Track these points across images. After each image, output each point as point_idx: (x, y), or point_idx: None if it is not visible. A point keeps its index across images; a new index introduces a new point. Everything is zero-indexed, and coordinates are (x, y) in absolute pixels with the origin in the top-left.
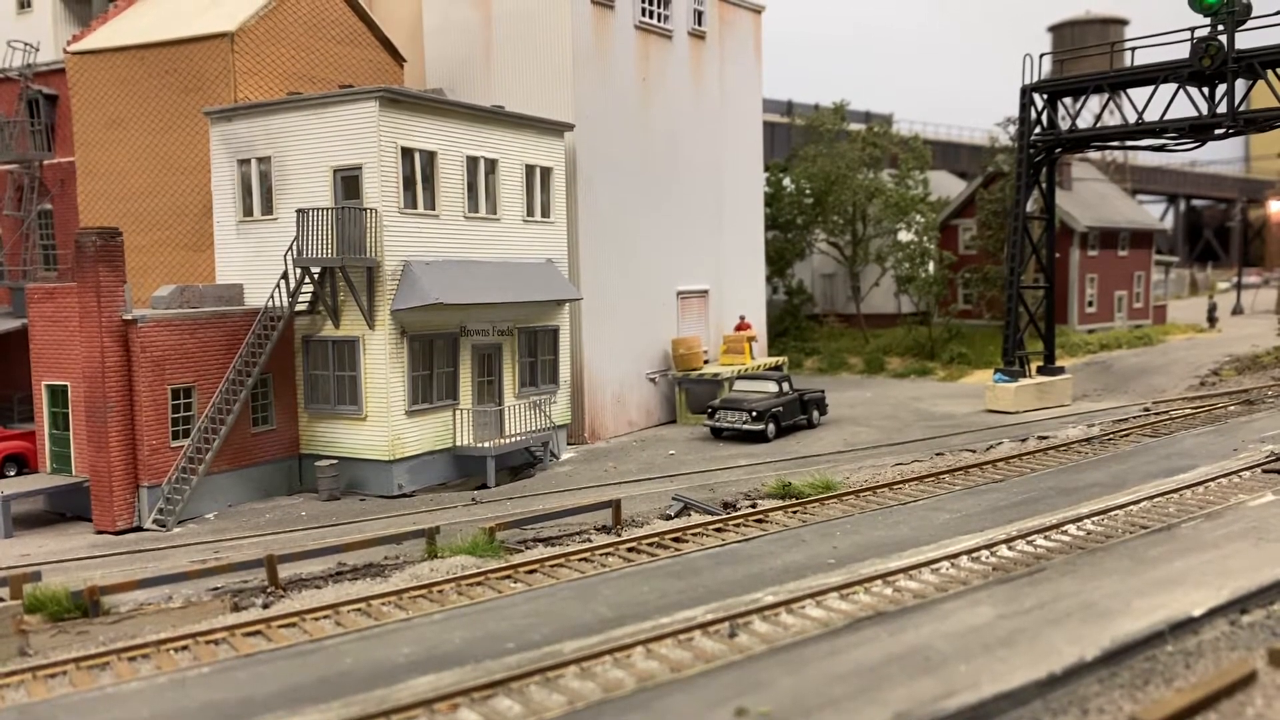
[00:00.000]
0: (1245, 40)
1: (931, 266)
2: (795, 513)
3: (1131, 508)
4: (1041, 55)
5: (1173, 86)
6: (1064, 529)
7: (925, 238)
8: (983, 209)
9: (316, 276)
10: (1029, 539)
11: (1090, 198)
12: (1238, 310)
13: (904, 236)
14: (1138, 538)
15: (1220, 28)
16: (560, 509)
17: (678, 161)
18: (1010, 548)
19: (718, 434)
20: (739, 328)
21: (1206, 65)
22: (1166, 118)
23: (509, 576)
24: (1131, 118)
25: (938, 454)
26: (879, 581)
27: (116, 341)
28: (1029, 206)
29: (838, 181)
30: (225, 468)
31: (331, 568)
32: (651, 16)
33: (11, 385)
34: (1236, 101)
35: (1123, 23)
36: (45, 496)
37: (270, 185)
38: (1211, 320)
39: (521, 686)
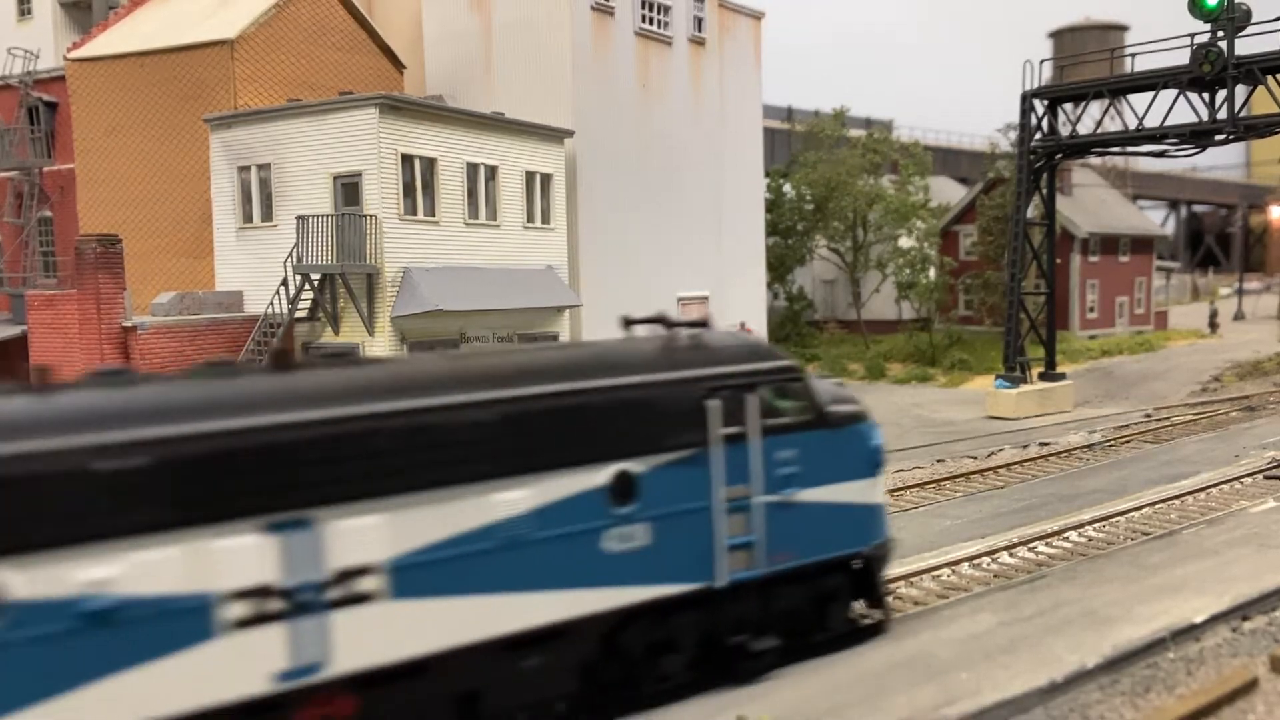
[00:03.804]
0: (1245, 46)
1: (932, 273)
2: None
3: (1133, 514)
4: (1042, 61)
5: (1173, 92)
6: (1065, 535)
7: (926, 244)
8: (983, 215)
9: (316, 283)
10: (1030, 545)
11: (1091, 204)
12: (1239, 316)
13: (905, 243)
14: (1139, 544)
15: (1220, 34)
16: None
17: (678, 167)
18: (1011, 554)
19: None
20: None
21: (1207, 71)
22: (1167, 123)
23: None
24: (1132, 123)
25: (939, 460)
26: None
27: (116, 349)
28: (1030, 212)
29: (838, 188)
30: None
31: None
32: (651, 23)
33: None
34: (1237, 107)
35: (1122, 29)
36: None
37: (270, 192)
38: (1213, 326)
39: None
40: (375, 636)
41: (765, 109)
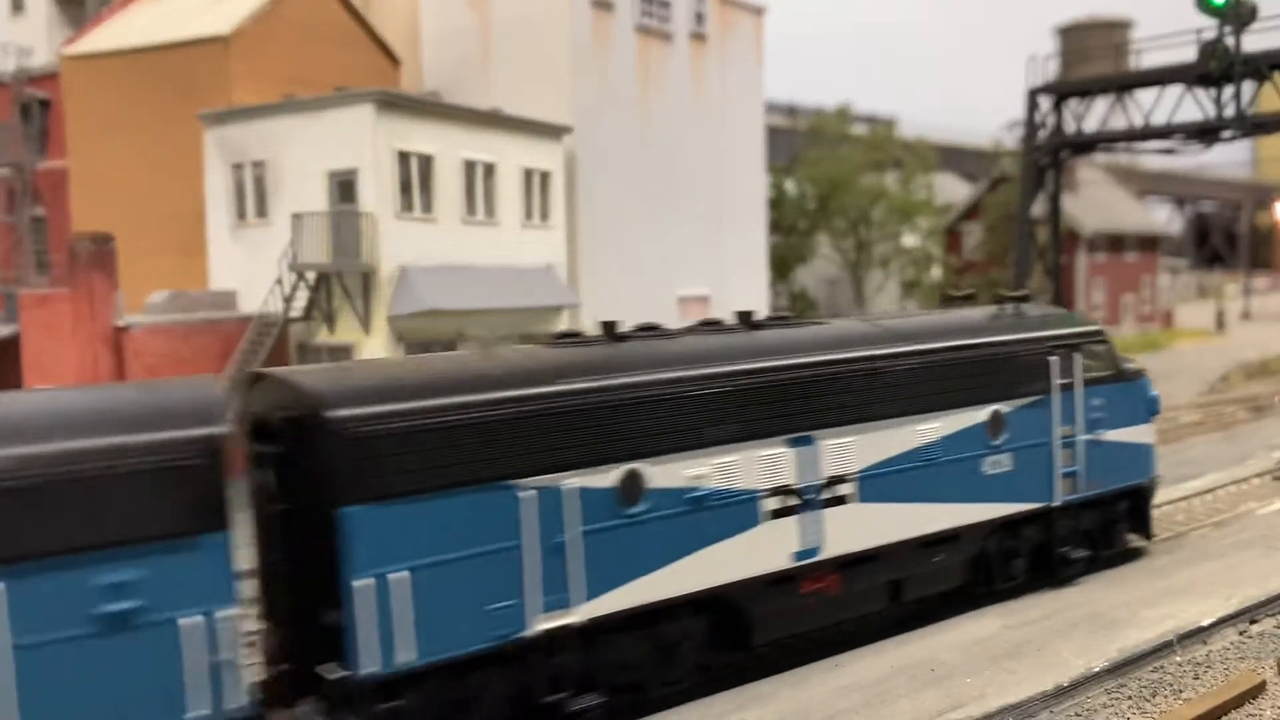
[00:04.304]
0: (1252, 42)
1: (936, 271)
2: None
3: None
4: (1047, 57)
5: (1180, 88)
6: None
7: (930, 242)
8: (988, 213)
9: (312, 282)
10: None
11: (1097, 202)
12: (1247, 315)
13: (908, 241)
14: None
15: (1227, 30)
16: None
17: (678, 164)
18: None
19: None
20: None
21: (1214, 67)
22: (1174, 120)
23: None
24: (1138, 120)
25: None
26: None
27: (109, 348)
28: (1035, 210)
29: (841, 185)
30: None
31: None
32: (652, 18)
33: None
34: (1244, 104)
35: (1128, 25)
36: None
37: (265, 189)
38: (1220, 325)
39: None
40: (850, 530)
41: (767, 105)
